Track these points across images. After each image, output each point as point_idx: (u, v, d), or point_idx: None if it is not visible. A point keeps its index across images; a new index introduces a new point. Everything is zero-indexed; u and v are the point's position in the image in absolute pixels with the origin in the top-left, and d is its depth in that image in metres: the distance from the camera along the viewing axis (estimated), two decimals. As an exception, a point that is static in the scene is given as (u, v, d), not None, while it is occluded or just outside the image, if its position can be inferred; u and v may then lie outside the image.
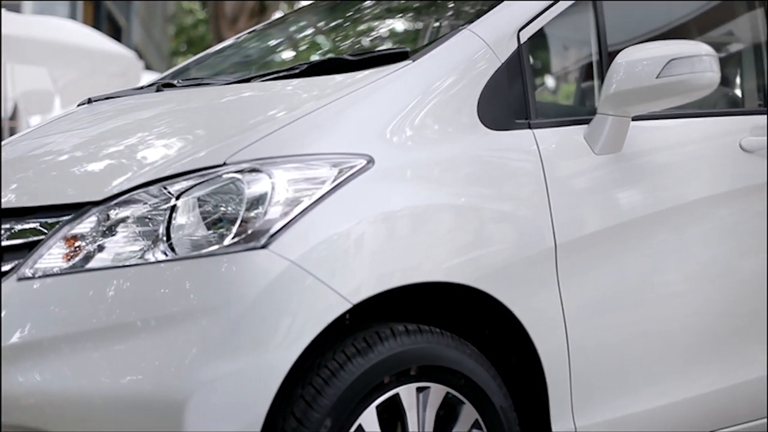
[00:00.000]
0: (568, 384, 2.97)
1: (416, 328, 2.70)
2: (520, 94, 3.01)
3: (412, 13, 3.89)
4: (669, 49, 3.05)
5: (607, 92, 3.04)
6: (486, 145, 2.90)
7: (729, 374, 3.47)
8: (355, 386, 2.55)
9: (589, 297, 3.03)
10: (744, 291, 3.52)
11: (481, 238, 2.82)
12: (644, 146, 3.23)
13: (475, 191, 2.83)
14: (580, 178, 3.06)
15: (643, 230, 3.16)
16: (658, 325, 3.26)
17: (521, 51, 3.04)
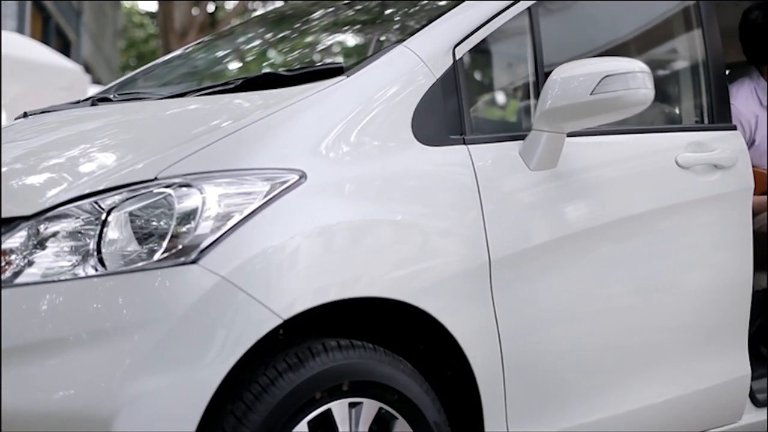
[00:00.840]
0: (503, 399, 2.98)
1: (349, 344, 2.70)
2: (455, 110, 3.02)
3: (358, 27, 3.90)
4: (603, 66, 3.06)
5: (542, 108, 3.06)
6: (420, 161, 2.91)
7: (672, 386, 3.51)
8: (286, 402, 2.54)
9: (524, 312, 3.05)
10: (682, 305, 3.56)
11: (415, 254, 2.82)
12: (579, 162, 3.25)
13: (408, 207, 2.83)
14: (514, 193, 3.07)
15: (578, 245, 3.18)
16: (594, 340, 3.28)
17: (456, 67, 3.05)
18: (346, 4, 4.00)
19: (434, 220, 2.87)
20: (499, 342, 2.96)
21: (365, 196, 2.78)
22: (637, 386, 3.42)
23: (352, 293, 2.70)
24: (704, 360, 3.65)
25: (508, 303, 2.98)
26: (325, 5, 4.07)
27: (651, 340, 3.48)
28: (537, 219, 3.11)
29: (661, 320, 3.51)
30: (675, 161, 3.52)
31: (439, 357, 2.97)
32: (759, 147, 4.29)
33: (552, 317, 3.14)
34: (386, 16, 3.78)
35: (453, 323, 2.85)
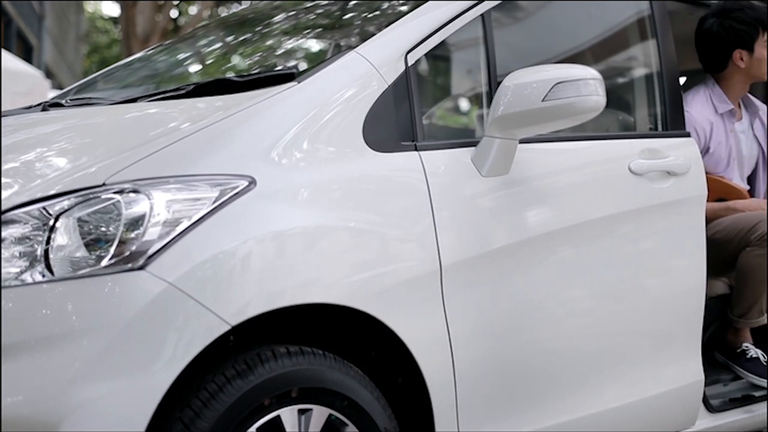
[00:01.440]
0: (454, 405, 2.98)
1: (298, 350, 2.69)
2: (406, 117, 3.02)
3: (317, 31, 3.88)
4: (555, 73, 3.07)
5: (495, 115, 3.06)
6: (371, 168, 2.90)
7: (627, 391, 3.53)
8: (234, 408, 2.53)
9: (475, 319, 3.05)
10: (635, 311, 3.59)
11: (365, 261, 2.82)
12: (531, 169, 3.25)
13: (358, 213, 2.83)
14: (466, 200, 3.07)
15: (530, 252, 3.19)
16: (547, 346, 3.29)
17: (409, 73, 3.05)
18: (306, 8, 3.99)
19: (384, 227, 2.87)
20: (451, 348, 2.96)
21: (316, 203, 2.77)
22: (591, 391, 3.44)
23: (302, 299, 2.69)
24: (659, 365, 3.68)
25: (459, 309, 2.98)
26: (286, 8, 4.06)
27: (605, 345, 3.50)
28: (489, 225, 3.11)
29: (614, 326, 3.53)
30: (628, 168, 3.54)
31: (391, 363, 2.97)
32: (714, 154, 4.31)
33: (505, 323, 3.14)
34: (346, 20, 3.77)
35: (404, 330, 2.84)
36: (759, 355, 4.26)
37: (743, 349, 4.28)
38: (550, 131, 3.19)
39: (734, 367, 4.27)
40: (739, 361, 4.27)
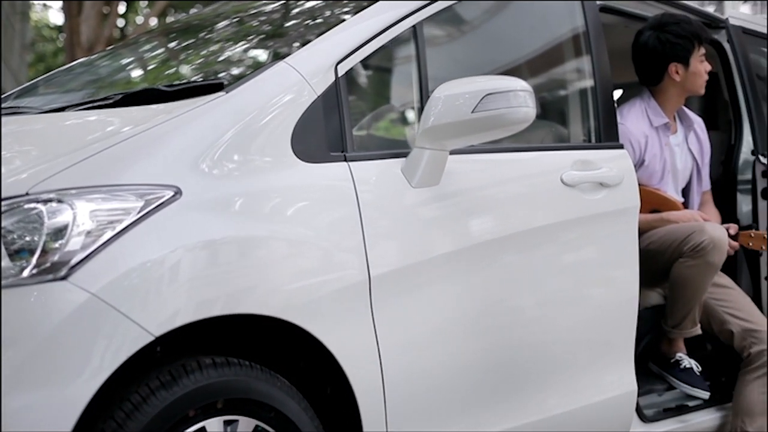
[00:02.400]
0: (383, 415, 2.98)
1: (224, 361, 2.68)
2: (336, 127, 3.01)
3: (257, 39, 3.85)
4: (485, 84, 3.08)
5: (425, 126, 3.06)
6: (299, 178, 2.90)
7: (562, 401, 3.56)
8: (158, 420, 2.52)
9: (405, 329, 3.05)
10: (568, 321, 3.61)
11: (293, 272, 2.81)
12: (462, 180, 3.26)
13: (286, 224, 2.82)
14: (395, 211, 3.07)
15: (459, 263, 3.19)
16: (480, 355, 3.30)
17: (338, 84, 3.05)
18: (250, 15, 3.97)
19: (312, 238, 2.86)
20: (380, 358, 2.95)
21: (243, 213, 2.76)
22: (524, 401, 3.46)
23: (231, 310, 2.68)
24: (593, 375, 3.70)
25: (388, 320, 2.98)
26: (230, 15, 4.04)
27: (539, 355, 3.52)
28: (418, 236, 3.11)
29: (548, 335, 3.55)
30: (560, 179, 3.56)
31: (321, 373, 2.96)
32: (648, 167, 4.35)
33: (436, 333, 3.14)
34: (286, 28, 3.75)
35: (332, 340, 2.84)
36: (692, 366, 4.30)
37: (677, 360, 4.32)
38: (480, 142, 3.20)
39: (668, 378, 4.30)
40: (672, 372, 4.30)
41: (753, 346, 4.35)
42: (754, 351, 4.35)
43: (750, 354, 4.36)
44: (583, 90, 3.97)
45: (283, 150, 2.89)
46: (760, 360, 4.35)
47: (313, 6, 3.73)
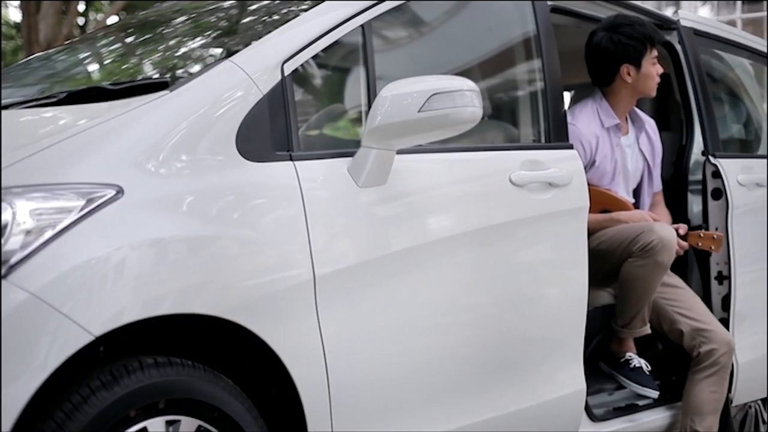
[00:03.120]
0: (329, 415, 2.97)
1: (166, 361, 2.67)
2: (282, 126, 3.00)
3: (214, 36, 3.82)
4: (432, 84, 3.08)
5: (371, 125, 3.06)
6: (244, 177, 2.88)
7: (511, 400, 3.57)
8: (98, 420, 2.50)
9: (351, 329, 3.05)
10: (517, 320, 3.62)
11: (235, 271, 2.79)
12: (409, 179, 3.26)
13: (231, 223, 2.81)
14: (341, 210, 3.07)
15: (406, 262, 3.19)
16: (426, 356, 3.30)
17: (285, 83, 3.04)
18: (208, 11, 3.94)
19: (256, 238, 2.85)
20: (325, 358, 2.95)
21: (186, 213, 2.75)
22: (475, 400, 3.46)
23: (174, 310, 2.67)
24: (543, 374, 3.72)
25: (334, 319, 2.98)
26: (188, 12, 4.01)
27: (490, 354, 3.52)
28: (363, 236, 3.11)
29: (499, 335, 3.56)
30: (509, 179, 3.56)
31: (266, 373, 2.95)
32: (599, 168, 4.36)
33: (379, 334, 3.14)
34: (242, 25, 3.72)
35: (276, 340, 2.83)
36: (642, 365, 4.32)
37: (627, 359, 4.33)
38: (426, 142, 3.20)
39: (618, 377, 4.32)
40: (622, 371, 4.32)
41: (702, 345, 4.37)
42: (703, 350, 4.37)
43: (699, 353, 4.38)
44: (533, 90, 3.99)
45: (228, 149, 2.87)
46: (709, 359, 4.37)
47: (270, 3, 3.71)
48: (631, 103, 4.53)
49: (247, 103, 2.94)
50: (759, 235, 4.92)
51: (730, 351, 4.39)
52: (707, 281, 4.71)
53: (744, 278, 4.70)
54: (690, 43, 4.82)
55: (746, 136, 5.65)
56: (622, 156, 4.46)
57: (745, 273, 4.72)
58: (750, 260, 4.78)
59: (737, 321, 4.67)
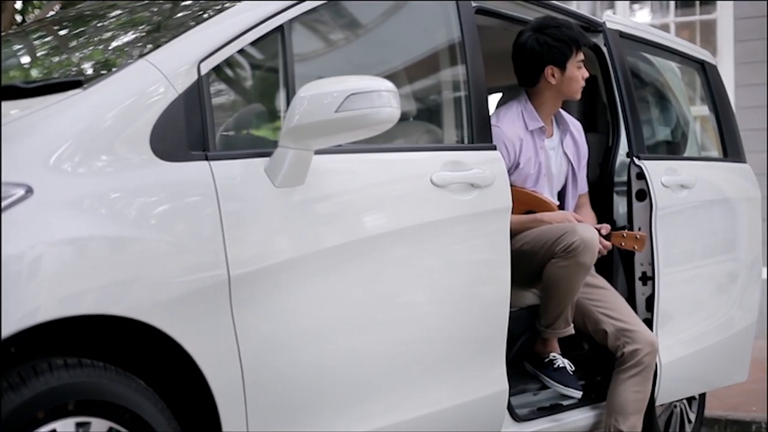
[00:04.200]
0: (244, 416, 2.95)
1: (77, 362, 2.64)
2: (198, 126, 2.98)
3: (138, 34, 3.77)
4: (349, 84, 3.07)
5: (289, 125, 3.04)
6: (158, 177, 2.85)
7: (434, 400, 3.57)
8: (5, 423, 2.47)
9: (268, 330, 3.03)
10: (440, 321, 3.64)
11: (150, 271, 2.76)
12: (330, 180, 3.26)
13: (144, 223, 2.78)
14: (258, 211, 3.05)
15: (324, 263, 3.18)
16: (346, 356, 3.30)
17: (201, 82, 3.02)
18: (143, 5, 3.89)
19: (171, 237, 2.82)
20: (240, 360, 2.93)
21: (99, 212, 2.71)
22: (398, 400, 3.46)
23: (86, 311, 2.63)
24: (464, 374, 3.73)
25: (249, 320, 2.96)
26: (122, 6, 3.96)
27: (412, 354, 3.53)
28: (280, 236, 3.09)
29: (422, 334, 3.56)
30: (430, 180, 3.57)
31: (182, 374, 2.93)
32: (523, 170, 4.38)
33: (301, 332, 3.13)
34: (172, 22, 3.67)
35: (190, 342, 2.81)
36: (566, 365, 4.35)
37: (551, 359, 4.36)
38: (344, 142, 3.20)
39: (542, 377, 4.35)
40: (546, 371, 4.34)
41: (626, 345, 4.41)
42: (627, 350, 4.41)
43: (624, 353, 4.42)
44: (457, 91, 3.99)
45: (141, 149, 2.85)
46: (633, 359, 4.41)
47: None
48: (555, 105, 4.55)
49: (161, 103, 2.91)
50: (683, 236, 4.97)
51: (653, 351, 4.43)
52: (632, 282, 4.75)
53: (668, 279, 4.75)
54: (615, 45, 4.85)
55: (672, 138, 5.71)
56: (546, 158, 4.49)
57: (669, 274, 4.77)
58: (674, 261, 4.83)
59: (661, 321, 4.72)
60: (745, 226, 5.59)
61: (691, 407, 5.56)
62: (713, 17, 10.26)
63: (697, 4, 10.47)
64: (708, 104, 5.83)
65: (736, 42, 9.96)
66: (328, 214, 3.24)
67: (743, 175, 5.70)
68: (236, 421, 2.93)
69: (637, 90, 5.30)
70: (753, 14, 9.89)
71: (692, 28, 10.46)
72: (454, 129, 4.01)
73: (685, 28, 10.48)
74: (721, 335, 5.30)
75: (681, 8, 10.55)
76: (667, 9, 10.61)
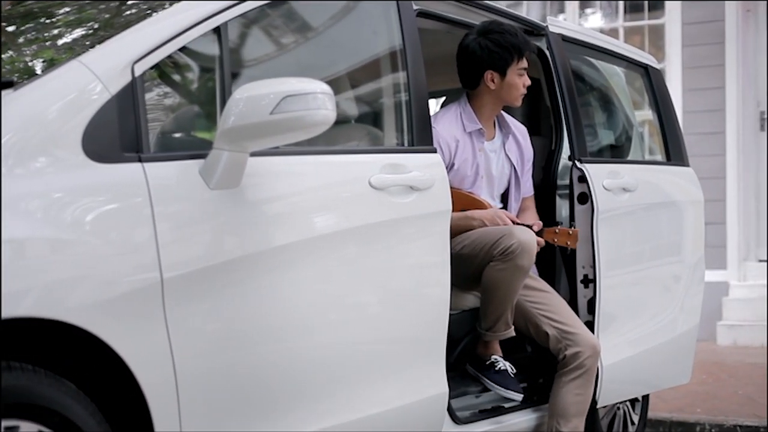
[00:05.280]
0: (177, 419, 2.93)
1: (6, 365, 2.61)
2: (131, 128, 2.96)
3: (89, 31, 3.74)
4: (284, 86, 3.05)
5: (224, 127, 3.02)
6: (89, 178, 2.83)
7: (373, 403, 3.58)
8: (-70, 426, 2.45)
9: (202, 332, 3.01)
10: (379, 324, 3.63)
11: (80, 274, 2.74)
12: (267, 181, 3.24)
13: (76, 225, 2.75)
14: (192, 213, 3.03)
15: (258, 266, 3.16)
16: (283, 358, 3.28)
17: (135, 83, 2.99)
18: (89, 3, 3.86)
19: (103, 239, 2.79)
20: (173, 362, 2.91)
21: (30, 214, 2.68)
22: (336, 403, 3.45)
23: (13, 312, 2.60)
24: (403, 377, 3.72)
25: (184, 322, 2.94)
26: (70, 4, 3.93)
27: (350, 357, 3.52)
28: (213, 239, 3.07)
29: (359, 337, 3.55)
30: (368, 182, 3.56)
31: (114, 377, 2.91)
32: (459, 171, 4.40)
33: (237, 334, 3.11)
34: (121, 20, 3.65)
35: (122, 345, 2.79)
36: (507, 368, 4.36)
37: (492, 362, 4.37)
38: (280, 144, 3.18)
39: (483, 379, 4.36)
40: (487, 374, 4.35)
41: (568, 348, 4.43)
42: (569, 353, 4.43)
43: (566, 356, 4.44)
44: (397, 93, 3.99)
45: (73, 150, 2.82)
46: (575, 362, 4.43)
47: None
48: (495, 109, 4.57)
49: (94, 104, 2.89)
50: (626, 238, 5.00)
51: (595, 354, 4.46)
52: (574, 285, 4.77)
53: (610, 281, 4.77)
54: (558, 49, 4.87)
55: (616, 141, 5.75)
56: (486, 160, 4.50)
57: (611, 276, 4.79)
58: (616, 263, 4.85)
59: (602, 324, 4.74)
60: (689, 229, 5.63)
61: (634, 409, 5.59)
62: (662, 22, 10.35)
63: (646, 9, 10.54)
64: (651, 108, 5.86)
65: (683, 47, 10.07)
66: (264, 216, 3.22)
67: (686, 178, 5.74)
68: (169, 422, 2.91)
69: (582, 94, 5.34)
70: (700, 19, 10.00)
71: (642, 33, 10.54)
72: (394, 132, 4.00)
73: (636, 33, 10.56)
74: (664, 337, 5.33)
75: (630, 13, 10.62)
76: (617, 14, 10.68)
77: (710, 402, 6.88)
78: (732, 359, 8.63)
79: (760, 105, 9.95)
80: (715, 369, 8.10)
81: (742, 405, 6.77)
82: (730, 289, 9.66)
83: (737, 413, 6.53)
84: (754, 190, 9.87)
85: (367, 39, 4.07)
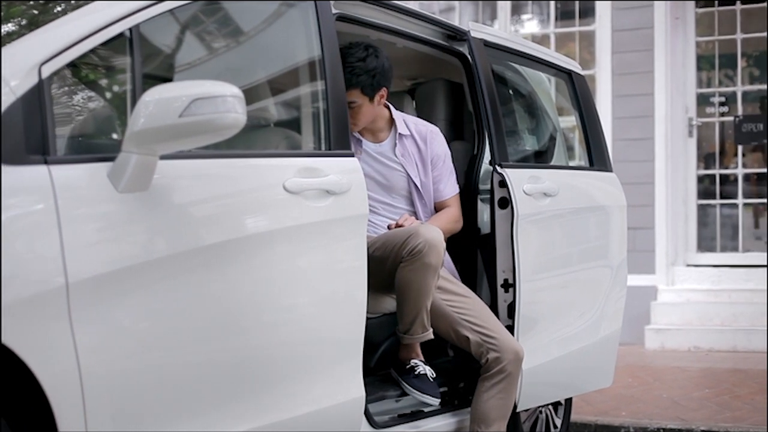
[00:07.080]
0: (83, 423, 2.90)
1: None
2: (38, 130, 2.92)
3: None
4: (194, 89, 3.02)
5: (133, 129, 2.99)
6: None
7: (287, 407, 3.56)
8: None
9: (110, 337, 2.98)
10: (294, 328, 3.61)
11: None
12: (177, 184, 3.22)
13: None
14: (99, 216, 3.00)
15: (165, 270, 3.13)
16: (194, 363, 3.25)
17: (42, 86, 2.96)
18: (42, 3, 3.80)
19: (4, 243, 2.76)
20: (79, 367, 2.88)
21: None
22: (249, 407, 3.43)
23: None
24: (319, 381, 3.70)
25: (90, 328, 2.91)
26: None
27: (270, 359, 3.50)
28: (120, 242, 3.04)
29: (272, 341, 3.53)
30: (283, 186, 3.55)
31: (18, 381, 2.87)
32: None
33: (145, 339, 3.08)
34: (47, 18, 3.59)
35: (24, 348, 2.75)
36: (426, 372, 4.35)
37: (412, 366, 4.36)
38: (190, 147, 3.15)
39: (402, 384, 4.34)
40: (407, 378, 4.34)
41: (490, 352, 4.45)
42: (491, 357, 4.45)
43: (488, 360, 4.46)
44: (315, 97, 3.98)
45: None
46: (497, 367, 4.45)
47: None
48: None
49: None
50: (547, 243, 5.02)
51: (517, 359, 4.48)
52: (495, 290, 4.79)
53: (530, 285, 4.80)
54: (480, 54, 4.89)
55: (539, 147, 5.78)
56: (367, 162, 4.53)
57: (532, 280, 4.82)
58: (537, 268, 4.87)
59: (522, 328, 4.76)
60: (613, 232, 5.67)
61: (557, 413, 5.62)
62: (592, 29, 10.42)
63: (577, 16, 10.62)
64: (575, 114, 5.90)
65: (613, 53, 10.15)
66: (174, 219, 3.18)
67: (609, 182, 5.78)
68: (75, 425, 2.88)
69: (505, 99, 5.36)
70: (630, 26, 10.09)
71: (574, 39, 10.61)
72: (312, 135, 3.99)
73: (569, 40, 10.63)
74: (587, 341, 5.37)
75: (562, 20, 10.69)
76: (549, 20, 10.75)
77: (635, 405, 6.94)
78: (659, 363, 8.71)
79: (688, 111, 10.05)
80: (641, 372, 8.17)
81: (667, 408, 6.83)
82: (659, 294, 9.75)
83: (661, 416, 6.58)
84: (682, 195, 9.97)
85: (284, 41, 4.05)
